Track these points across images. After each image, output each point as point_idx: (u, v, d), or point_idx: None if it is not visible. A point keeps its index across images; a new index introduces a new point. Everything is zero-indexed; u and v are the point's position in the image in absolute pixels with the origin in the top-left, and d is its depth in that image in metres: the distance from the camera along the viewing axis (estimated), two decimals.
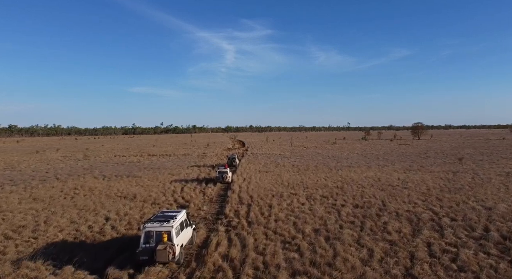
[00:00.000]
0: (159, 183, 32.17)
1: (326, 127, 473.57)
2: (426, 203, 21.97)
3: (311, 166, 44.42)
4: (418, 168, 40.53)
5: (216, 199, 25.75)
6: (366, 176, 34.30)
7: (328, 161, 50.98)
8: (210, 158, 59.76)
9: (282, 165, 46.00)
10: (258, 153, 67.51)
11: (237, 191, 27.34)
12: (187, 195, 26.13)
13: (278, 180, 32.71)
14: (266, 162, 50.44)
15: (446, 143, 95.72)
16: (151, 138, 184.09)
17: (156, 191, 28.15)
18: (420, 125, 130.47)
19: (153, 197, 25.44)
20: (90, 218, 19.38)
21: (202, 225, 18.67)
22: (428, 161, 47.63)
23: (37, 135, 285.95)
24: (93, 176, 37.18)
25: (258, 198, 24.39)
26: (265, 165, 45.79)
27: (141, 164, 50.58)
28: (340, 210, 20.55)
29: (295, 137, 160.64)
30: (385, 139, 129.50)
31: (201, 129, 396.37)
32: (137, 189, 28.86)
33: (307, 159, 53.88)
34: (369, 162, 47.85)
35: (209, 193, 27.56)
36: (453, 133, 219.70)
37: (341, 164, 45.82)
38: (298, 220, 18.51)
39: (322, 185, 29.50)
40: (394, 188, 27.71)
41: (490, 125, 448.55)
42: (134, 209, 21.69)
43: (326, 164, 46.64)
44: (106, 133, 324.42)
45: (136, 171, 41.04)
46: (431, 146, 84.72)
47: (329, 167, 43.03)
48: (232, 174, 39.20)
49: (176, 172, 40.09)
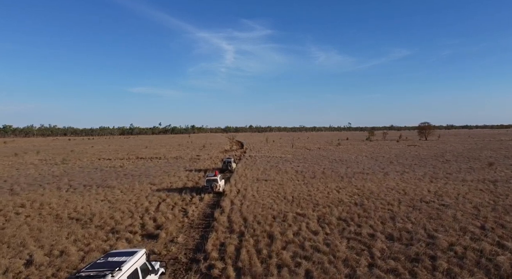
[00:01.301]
0: (133, 196, 25.99)
1: (326, 128, 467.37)
2: (487, 232, 15.79)
3: (318, 172, 38.23)
4: (445, 175, 34.35)
5: (199, 222, 19.54)
6: (388, 187, 28.12)
7: (336, 165, 44.80)
8: (203, 161, 53.59)
9: (284, 171, 39.79)
10: (257, 156, 61.32)
11: (227, 209, 21.17)
12: (162, 216, 19.92)
13: (280, 193, 26.53)
14: (266, 166, 44.25)
15: (458, 144, 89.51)
16: (147, 139, 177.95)
17: (125, 208, 21.97)
18: (427, 125, 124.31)
19: (115, 220, 19.25)
20: (2, 262, 13.15)
21: (167, 275, 12.48)
22: (452, 167, 41.42)
23: (32, 135, 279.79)
24: (58, 186, 30.98)
25: (254, 222, 18.23)
26: (264, 171, 39.59)
27: (123, 169, 44.38)
28: (371, 246, 14.37)
29: (296, 138, 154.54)
30: (390, 140, 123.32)
31: (200, 130, 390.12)
32: (101, 206, 22.66)
33: (312, 163, 47.69)
34: (383, 167, 41.64)
35: (192, 211, 21.36)
36: (457, 133, 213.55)
37: (352, 170, 39.63)
38: (312, 267, 12.34)
39: (336, 201, 23.32)
40: (430, 205, 21.54)
41: (493, 126, 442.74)
42: (78, 243, 15.48)
43: (334, 169, 40.45)
44: (102, 133, 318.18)
45: (112, 179, 34.86)
46: (443, 147, 78.55)
47: (339, 173, 36.84)
48: (226, 181, 33.16)
49: (159, 180, 33.90)
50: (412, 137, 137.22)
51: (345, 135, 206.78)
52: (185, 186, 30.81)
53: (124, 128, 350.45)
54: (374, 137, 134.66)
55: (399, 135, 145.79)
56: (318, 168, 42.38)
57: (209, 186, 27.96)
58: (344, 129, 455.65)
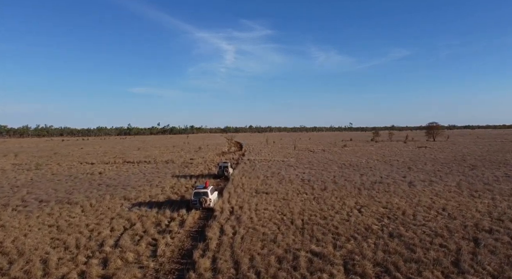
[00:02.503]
0: (94, 219, 19.95)
1: (327, 128, 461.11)
2: None
3: (328, 181, 32.20)
4: (484, 186, 28.31)
5: (170, 267, 13.45)
6: (422, 205, 22.07)
7: (348, 172, 38.76)
8: (196, 166, 47.57)
9: (288, 179, 33.74)
10: (256, 160, 55.25)
11: (213, 244, 15.14)
12: (118, 258, 13.86)
13: (286, 213, 20.49)
14: (266, 173, 38.20)
15: (471, 146, 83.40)
16: (143, 140, 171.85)
17: (73, 241, 15.89)
18: (435, 125, 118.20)
19: (47, 265, 13.12)
20: None
21: None
22: (485, 174, 35.35)
23: (27, 136, 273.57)
24: (7, 202, 24.91)
25: (250, 271, 12.20)
26: (264, 180, 33.54)
27: (101, 176, 38.30)
28: None
29: (297, 138, 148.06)
30: (396, 141, 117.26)
31: (199, 130, 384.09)
32: (42, 237, 16.57)
33: (320, 169, 41.65)
34: (404, 175, 35.59)
35: (164, 246, 15.31)
36: (462, 133, 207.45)
37: (367, 178, 33.61)
38: None
39: (362, 228, 17.27)
40: (495, 236, 15.48)
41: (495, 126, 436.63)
42: None
43: (347, 177, 34.41)
44: (99, 134, 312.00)
45: (81, 191, 28.81)
46: (457, 149, 72.45)
47: (353, 183, 30.81)
48: (219, 193, 27.35)
49: (136, 193, 27.83)
50: (418, 138, 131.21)
51: (347, 135, 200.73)
52: (168, 200, 24.84)
53: (122, 128, 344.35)
54: (379, 138, 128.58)
55: (405, 135, 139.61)
56: (327, 175, 36.33)
57: (197, 201, 22.15)
58: (345, 129, 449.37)
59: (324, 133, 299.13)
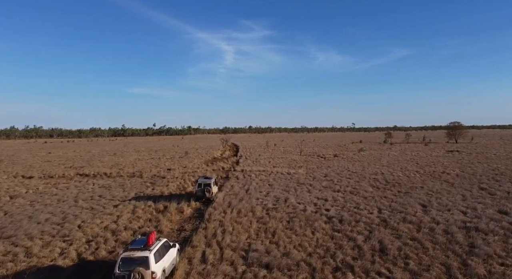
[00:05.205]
0: None
1: (329, 128, 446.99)
2: None
3: (375, 222, 18.26)
4: None
5: None
6: None
7: (393, 197, 24.80)
8: (167, 182, 33.68)
9: (303, 217, 19.72)
10: (253, 171, 41.24)
11: None
12: None
13: None
14: (267, 202, 24.18)
15: (507, 148, 69.15)
16: (132, 141, 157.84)
17: None
18: (458, 125, 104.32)
19: None
20: None
21: None
22: None
23: (14, 137, 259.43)
24: None
25: None
26: (263, 221, 19.51)
27: (3, 206, 24.36)
28: None
29: (300, 140, 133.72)
30: (414, 143, 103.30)
31: (197, 131, 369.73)
32: None
33: (347, 191, 27.71)
34: (486, 203, 21.59)
35: None
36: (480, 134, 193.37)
37: (437, 214, 19.62)
38: None
39: None
40: None
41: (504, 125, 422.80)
42: None
43: (401, 210, 20.41)
44: (91, 135, 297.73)
45: None
46: (497, 153, 58.12)
47: (421, 227, 16.84)
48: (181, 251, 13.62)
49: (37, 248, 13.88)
50: (435, 139, 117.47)
51: (353, 136, 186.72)
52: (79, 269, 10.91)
53: (116, 129, 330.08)
54: (392, 139, 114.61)
55: (422, 137, 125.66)
56: (365, 205, 22.34)
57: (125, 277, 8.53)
58: (347, 129, 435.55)
59: (327, 134, 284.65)
